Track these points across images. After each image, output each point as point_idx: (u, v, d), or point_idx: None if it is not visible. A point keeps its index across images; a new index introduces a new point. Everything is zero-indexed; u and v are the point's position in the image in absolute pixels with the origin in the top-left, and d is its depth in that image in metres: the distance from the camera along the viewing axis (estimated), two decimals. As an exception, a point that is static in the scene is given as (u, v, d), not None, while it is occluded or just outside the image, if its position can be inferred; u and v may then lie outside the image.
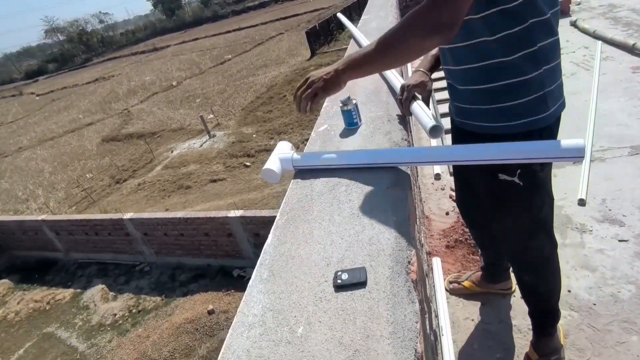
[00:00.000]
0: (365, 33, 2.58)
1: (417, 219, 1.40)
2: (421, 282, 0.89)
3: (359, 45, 2.13)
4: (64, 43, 77.96)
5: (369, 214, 0.82)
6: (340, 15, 3.63)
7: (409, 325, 0.56)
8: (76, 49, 75.75)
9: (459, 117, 1.10)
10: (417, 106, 1.08)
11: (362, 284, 0.64)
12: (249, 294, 0.71)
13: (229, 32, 46.09)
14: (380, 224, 0.77)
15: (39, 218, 10.52)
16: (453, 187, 2.42)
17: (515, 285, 1.66)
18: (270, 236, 0.85)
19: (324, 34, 24.09)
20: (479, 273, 1.71)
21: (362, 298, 0.62)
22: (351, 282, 0.64)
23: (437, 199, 2.37)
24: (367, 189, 0.90)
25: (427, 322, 0.88)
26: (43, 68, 71.38)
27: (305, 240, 0.80)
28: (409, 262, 0.68)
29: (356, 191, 0.90)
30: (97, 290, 9.22)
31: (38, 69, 71.35)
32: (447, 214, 2.22)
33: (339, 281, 0.65)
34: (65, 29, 78.92)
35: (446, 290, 1.73)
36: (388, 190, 0.88)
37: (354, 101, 1.21)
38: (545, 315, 1.29)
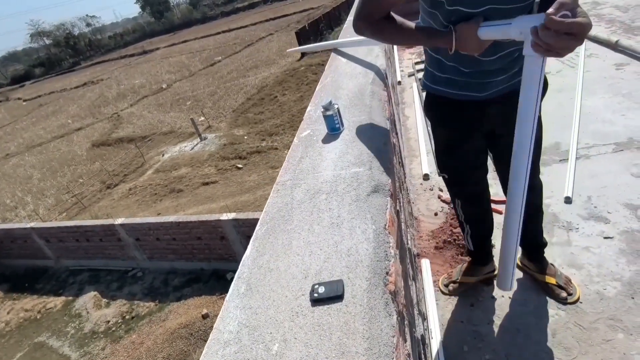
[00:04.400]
0: (350, 35, 2.57)
1: (404, 223, 1.39)
2: (404, 290, 0.88)
3: (342, 53, 2.08)
4: (51, 47, 76.82)
5: (349, 222, 0.81)
6: (291, 50, 3.43)
7: (385, 339, 0.56)
8: (63, 53, 74.72)
9: (512, 79, 1.25)
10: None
11: (338, 298, 0.63)
12: (225, 309, 0.70)
13: (218, 33, 45.86)
14: (360, 233, 0.76)
15: (28, 225, 10.35)
16: (441, 187, 2.43)
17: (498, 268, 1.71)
18: (249, 247, 0.83)
19: (314, 34, 24.08)
20: (465, 264, 1.74)
21: (339, 312, 0.61)
22: (328, 296, 0.63)
23: (426, 199, 2.37)
24: (348, 196, 0.89)
25: (408, 330, 0.87)
26: (29, 73, 70.30)
27: (284, 252, 0.78)
28: (387, 273, 0.67)
29: (336, 199, 0.89)
30: (89, 298, 9.11)
31: (24, 74, 70.26)
32: (435, 214, 2.22)
33: (315, 295, 0.64)
34: (52, 32, 77.75)
35: (445, 294, 1.73)
36: (368, 197, 0.87)
37: (335, 106, 1.20)
38: (542, 241, 1.63)
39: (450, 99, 1.31)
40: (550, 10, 0.80)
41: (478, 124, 1.35)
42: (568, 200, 2.04)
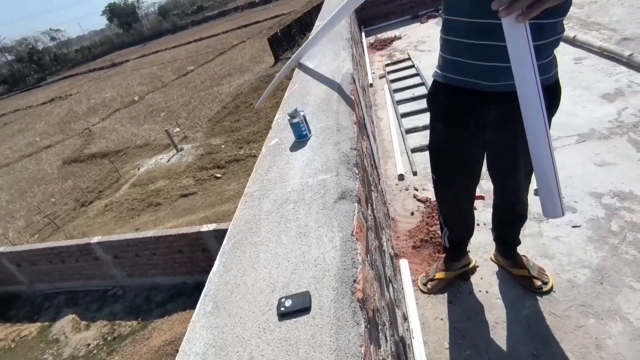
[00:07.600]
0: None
1: (378, 225, 1.40)
2: (378, 294, 0.88)
3: (306, 67, 2.04)
4: (13, 63, 73.92)
5: (316, 231, 0.80)
6: (261, 100, 2.77)
7: (353, 350, 0.55)
8: (27, 69, 71.93)
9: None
10: None
11: (305, 310, 0.62)
12: (191, 330, 0.67)
13: (189, 43, 45.25)
14: (327, 242, 0.76)
15: (-3, 251, 9.86)
16: (417, 187, 2.46)
17: (474, 261, 1.77)
18: (216, 263, 0.81)
19: (286, 39, 24.10)
20: (441, 260, 1.77)
21: (306, 325, 0.60)
22: (295, 309, 0.62)
23: (402, 199, 2.39)
24: (315, 204, 0.88)
25: (384, 334, 0.87)
26: (-8, 91, 67.45)
27: (251, 266, 0.77)
28: (354, 281, 0.66)
29: (304, 208, 0.88)
30: (67, 321, 8.74)
31: (-14, 93, 67.37)
32: (412, 214, 2.24)
33: (282, 309, 0.63)
34: (14, 48, 74.95)
35: (424, 292, 1.75)
36: (335, 204, 0.86)
37: (301, 113, 1.20)
38: (517, 242, 1.66)
39: (455, 86, 1.21)
40: None
41: (478, 117, 1.25)
42: (537, 193, 2.09)
